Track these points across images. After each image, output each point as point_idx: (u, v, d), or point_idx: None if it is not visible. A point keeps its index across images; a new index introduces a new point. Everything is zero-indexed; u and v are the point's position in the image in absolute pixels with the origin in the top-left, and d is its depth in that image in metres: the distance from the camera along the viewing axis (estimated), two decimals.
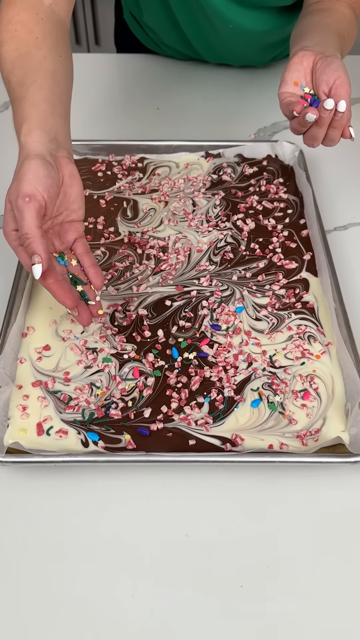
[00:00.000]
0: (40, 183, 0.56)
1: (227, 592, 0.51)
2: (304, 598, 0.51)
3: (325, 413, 0.61)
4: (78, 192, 0.62)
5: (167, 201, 0.83)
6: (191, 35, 0.98)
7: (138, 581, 0.52)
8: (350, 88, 0.64)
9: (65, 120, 0.64)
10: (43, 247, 0.55)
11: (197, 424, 0.59)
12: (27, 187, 0.55)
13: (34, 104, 0.60)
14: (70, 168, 0.61)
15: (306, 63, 0.66)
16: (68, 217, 0.62)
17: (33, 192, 0.55)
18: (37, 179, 0.56)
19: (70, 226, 0.63)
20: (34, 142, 0.58)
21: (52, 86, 0.63)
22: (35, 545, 0.53)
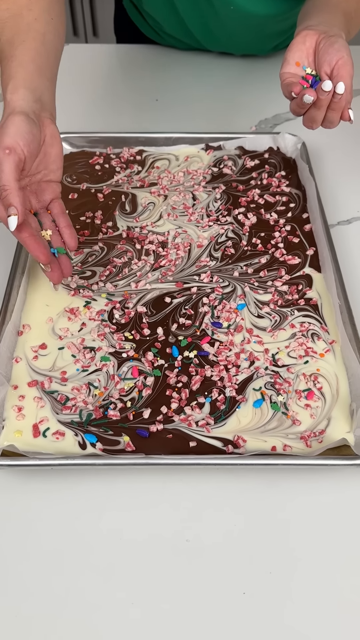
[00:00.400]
0: (22, 137, 0.57)
1: (230, 599, 0.50)
2: (309, 605, 0.49)
3: (329, 413, 0.59)
4: (58, 152, 0.63)
5: (167, 195, 0.82)
6: (191, 20, 0.96)
7: (138, 588, 0.50)
8: (352, 69, 0.62)
9: (51, 83, 0.65)
10: (20, 200, 0.56)
11: (198, 425, 0.58)
12: (8, 140, 0.57)
13: (21, 63, 0.62)
14: (52, 129, 0.62)
15: (309, 43, 0.65)
16: (46, 176, 0.64)
17: (13, 145, 0.57)
18: (19, 134, 0.57)
19: (47, 186, 0.64)
20: (19, 99, 0.60)
21: (40, 47, 0.64)
22: (32, 551, 0.52)
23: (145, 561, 0.51)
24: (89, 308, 0.67)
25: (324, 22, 0.66)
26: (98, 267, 0.72)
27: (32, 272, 0.70)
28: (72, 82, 1.02)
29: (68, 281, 0.70)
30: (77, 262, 0.73)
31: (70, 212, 0.78)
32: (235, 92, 1.00)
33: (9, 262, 0.70)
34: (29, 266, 0.70)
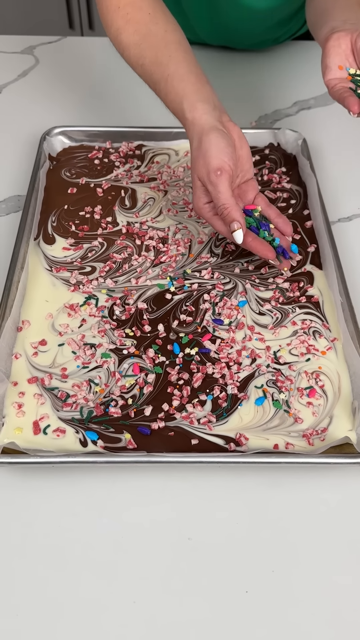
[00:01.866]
0: (225, 154, 0.61)
1: (232, 597, 0.49)
2: (311, 604, 0.49)
3: (331, 411, 0.59)
4: (247, 152, 0.66)
5: (167, 190, 0.81)
6: (193, 13, 0.95)
7: (139, 586, 0.50)
8: None
9: (210, 85, 0.67)
10: (240, 214, 0.62)
11: (200, 423, 0.57)
12: (216, 162, 0.61)
13: (182, 79, 0.64)
14: (237, 130, 0.65)
15: (344, 44, 0.63)
16: (244, 177, 0.67)
17: (221, 165, 0.61)
18: (221, 151, 0.61)
19: (247, 186, 0.68)
20: (202, 115, 0.63)
21: (186, 56, 0.66)
22: (32, 549, 0.51)
23: (147, 559, 0.51)
24: (89, 304, 0.66)
25: (347, 20, 0.65)
26: (98, 263, 0.71)
27: (32, 267, 0.70)
28: (71, 75, 1.01)
29: (68, 276, 0.69)
30: (77, 257, 0.72)
31: (69, 207, 0.78)
32: (235, 87, 1.00)
33: (8, 257, 0.69)
34: (28, 261, 0.69)
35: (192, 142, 0.64)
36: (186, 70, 0.65)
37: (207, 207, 0.65)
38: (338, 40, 0.63)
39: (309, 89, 1.00)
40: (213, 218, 0.65)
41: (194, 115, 0.63)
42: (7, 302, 0.64)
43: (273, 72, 1.04)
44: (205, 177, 0.62)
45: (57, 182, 0.81)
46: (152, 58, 0.66)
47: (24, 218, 0.73)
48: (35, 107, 0.96)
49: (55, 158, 0.85)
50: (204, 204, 0.65)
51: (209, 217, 0.65)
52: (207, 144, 0.61)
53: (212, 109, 0.64)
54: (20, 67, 1.04)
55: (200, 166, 0.62)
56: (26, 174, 0.83)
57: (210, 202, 0.64)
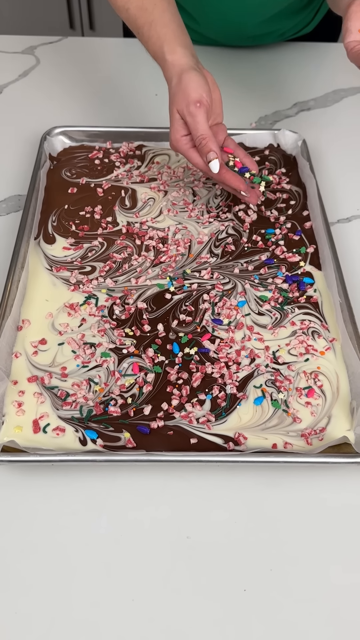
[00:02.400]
0: (204, 90, 0.65)
1: (230, 596, 0.50)
2: (309, 602, 0.49)
3: (330, 411, 0.59)
4: (219, 97, 0.71)
5: (167, 191, 0.81)
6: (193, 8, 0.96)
7: (138, 584, 0.50)
8: None
9: (189, 36, 0.71)
10: (217, 145, 0.65)
11: (199, 422, 0.58)
12: (195, 94, 0.65)
13: (165, 24, 0.69)
14: (211, 76, 0.69)
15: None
16: (215, 120, 0.71)
17: (201, 98, 0.65)
18: (200, 87, 0.65)
19: (217, 128, 0.71)
20: (181, 58, 0.67)
21: (171, 7, 0.71)
22: (31, 547, 0.52)
23: (146, 558, 0.51)
24: (89, 304, 0.67)
25: None
26: (98, 263, 0.72)
27: (32, 266, 0.70)
28: (71, 75, 1.02)
29: (68, 276, 0.69)
30: (77, 257, 0.72)
31: (69, 207, 0.78)
32: (235, 88, 1.00)
33: (8, 256, 0.70)
34: (29, 261, 0.70)
35: (172, 81, 0.68)
36: (169, 18, 0.69)
37: (184, 139, 0.67)
38: (359, 6, 0.64)
39: (308, 91, 1.00)
40: (189, 150, 0.67)
41: (174, 57, 0.67)
42: (8, 301, 0.64)
43: (273, 73, 1.04)
44: (185, 109, 0.65)
45: (58, 182, 0.81)
46: (138, 3, 0.71)
47: (25, 217, 0.73)
48: (35, 107, 0.96)
49: (56, 158, 0.85)
50: (181, 137, 0.67)
51: (185, 150, 0.68)
52: (187, 80, 0.65)
53: (191, 55, 0.68)
54: (21, 67, 1.04)
55: (180, 100, 0.66)
56: (27, 173, 0.83)
57: (188, 135, 0.67)
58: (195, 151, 0.67)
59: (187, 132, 0.68)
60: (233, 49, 1.07)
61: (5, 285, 0.66)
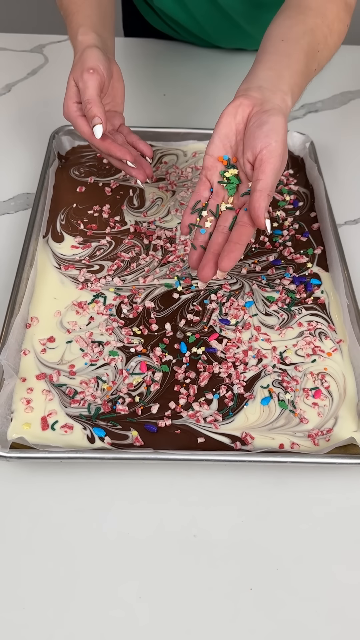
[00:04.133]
0: (101, 62, 0.66)
1: (236, 594, 0.50)
2: (315, 602, 0.50)
3: (337, 412, 0.59)
4: (122, 87, 0.73)
5: (175, 190, 0.81)
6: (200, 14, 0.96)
7: (145, 582, 0.50)
8: (279, 161, 0.55)
9: (111, 35, 0.75)
10: (103, 111, 0.65)
11: (206, 421, 0.58)
12: (91, 63, 0.66)
13: (87, 15, 0.72)
14: (117, 67, 0.71)
15: (240, 116, 0.59)
16: (113, 107, 0.73)
17: (96, 66, 0.66)
18: (98, 59, 0.66)
19: (115, 114, 0.73)
20: (91, 39, 0.69)
21: (99, 6, 0.74)
22: (39, 543, 0.52)
23: (152, 555, 0.52)
24: (97, 302, 0.67)
25: (269, 79, 0.60)
26: (106, 262, 0.72)
27: (40, 265, 0.70)
28: None
29: (76, 274, 0.70)
30: (85, 256, 0.72)
31: (77, 205, 0.78)
32: None
33: (17, 254, 0.70)
34: (37, 259, 0.70)
35: (75, 55, 0.69)
36: (92, 12, 0.72)
37: (74, 106, 0.68)
38: (237, 109, 0.59)
39: (316, 93, 1.01)
40: (78, 118, 0.67)
41: (84, 38, 0.69)
42: (16, 299, 0.64)
43: None
44: (79, 76, 0.66)
45: (66, 180, 0.82)
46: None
47: (33, 216, 0.74)
48: (44, 105, 0.96)
49: (65, 157, 0.85)
50: (73, 103, 0.68)
51: (74, 117, 0.68)
52: (88, 53, 0.67)
53: (102, 43, 0.69)
54: (29, 66, 1.04)
55: (77, 69, 0.67)
56: (35, 172, 0.83)
57: (79, 103, 0.68)
58: (83, 119, 0.67)
59: (78, 100, 0.68)
60: (241, 52, 1.07)
61: (14, 283, 0.66)
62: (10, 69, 1.03)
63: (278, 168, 0.56)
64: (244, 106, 0.59)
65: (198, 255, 0.61)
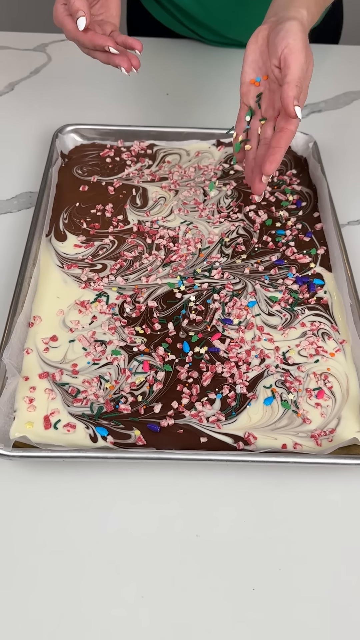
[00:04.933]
0: None
1: (239, 594, 0.50)
2: (317, 602, 0.50)
3: (339, 413, 0.59)
4: (117, 6, 0.73)
5: (177, 190, 0.81)
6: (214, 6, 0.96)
7: (147, 582, 0.50)
8: (302, 55, 0.60)
9: None
10: (86, 4, 0.66)
11: (209, 421, 0.58)
12: None
13: None
14: None
15: (261, 39, 0.65)
16: (107, 18, 0.73)
17: None
18: None
19: (107, 23, 0.72)
20: None
21: None
22: (41, 543, 0.52)
23: (155, 555, 0.52)
24: (99, 301, 0.67)
25: (282, 4, 0.66)
26: (109, 261, 0.72)
27: (43, 264, 0.70)
28: (83, 73, 1.02)
29: (79, 273, 0.70)
30: (88, 255, 0.72)
31: (80, 204, 0.78)
32: None
33: (20, 253, 0.70)
34: (40, 258, 0.70)
35: None
36: None
37: (62, 7, 0.68)
38: (257, 36, 0.65)
39: (319, 93, 1.01)
40: (65, 18, 0.68)
41: None
42: (19, 298, 0.64)
43: None
44: None
45: (69, 179, 0.82)
46: None
47: (36, 215, 0.73)
48: (47, 104, 0.96)
49: (67, 156, 0.85)
50: (61, 5, 0.68)
51: (61, 18, 0.68)
52: None
53: None
54: (32, 65, 1.04)
55: None
56: (38, 170, 0.83)
57: (66, 5, 0.68)
58: (70, 18, 0.67)
59: (65, 2, 0.68)
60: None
61: (17, 281, 0.66)
62: (14, 68, 1.03)
63: (302, 62, 0.61)
64: (262, 30, 0.65)
65: (249, 169, 0.69)
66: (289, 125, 0.62)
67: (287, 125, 0.62)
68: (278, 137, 0.62)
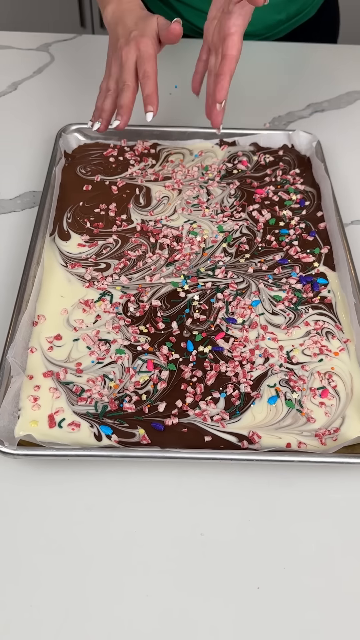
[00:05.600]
0: None
1: (244, 593, 0.50)
2: (322, 601, 0.50)
3: (344, 412, 0.59)
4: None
5: (181, 189, 0.81)
6: None
7: (152, 581, 0.50)
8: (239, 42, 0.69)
9: None
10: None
11: (213, 420, 0.58)
12: None
13: None
14: None
15: None
16: None
17: None
18: None
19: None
20: None
21: None
22: (46, 541, 0.52)
23: (159, 553, 0.52)
24: (103, 300, 0.67)
25: None
26: (112, 260, 0.72)
27: (47, 263, 0.70)
28: (86, 72, 1.02)
29: (83, 272, 0.70)
30: (92, 254, 0.72)
31: (84, 204, 0.78)
32: (249, 88, 1.00)
33: (24, 252, 0.70)
34: (44, 257, 0.70)
35: None
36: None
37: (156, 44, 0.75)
38: None
39: (322, 92, 1.01)
40: None
41: None
42: (24, 297, 0.65)
43: (286, 74, 1.04)
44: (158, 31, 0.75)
45: (73, 179, 0.82)
46: None
47: (40, 214, 0.74)
48: (50, 103, 0.96)
49: (71, 155, 0.85)
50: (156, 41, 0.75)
51: None
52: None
53: None
54: (35, 64, 1.04)
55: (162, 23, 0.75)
56: (42, 170, 0.84)
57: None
58: None
59: None
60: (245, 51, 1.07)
61: (21, 280, 0.66)
62: (17, 68, 1.03)
63: (239, 47, 0.69)
64: None
65: (208, 105, 0.76)
66: (229, 51, 0.68)
67: (228, 51, 0.69)
68: (222, 64, 0.69)
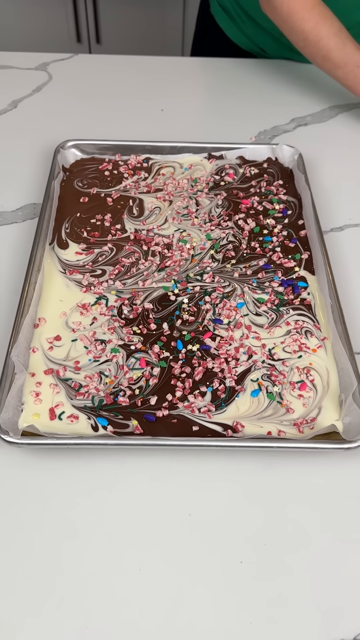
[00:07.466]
0: None
1: (228, 566, 0.55)
2: (298, 573, 0.55)
3: (320, 403, 0.64)
4: None
5: (172, 200, 0.87)
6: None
7: (144, 556, 0.55)
8: None
9: None
10: None
11: (200, 412, 0.63)
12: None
13: None
14: None
15: None
16: None
17: None
18: None
19: None
20: None
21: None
22: (48, 523, 0.57)
23: (152, 532, 0.57)
24: (99, 304, 0.72)
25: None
26: (108, 267, 0.77)
27: (47, 270, 0.76)
28: (82, 91, 1.08)
29: (80, 278, 0.75)
30: (89, 261, 0.78)
31: (81, 215, 0.84)
32: (236, 104, 1.06)
33: (25, 260, 0.75)
34: (44, 264, 0.75)
35: None
36: None
37: None
38: None
39: (306, 107, 1.07)
40: None
41: None
42: (25, 301, 0.70)
43: (272, 90, 1.10)
44: None
45: (70, 191, 0.87)
46: (352, 45, 0.89)
47: (40, 224, 0.79)
48: (49, 120, 1.02)
49: (69, 169, 0.91)
50: None
51: None
52: None
53: None
54: (34, 83, 1.10)
55: None
56: (41, 183, 0.89)
57: None
58: None
59: None
60: (238, 66, 1.13)
61: (23, 286, 0.71)
62: (16, 86, 1.09)
63: None
64: None
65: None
66: None
67: None
68: None
